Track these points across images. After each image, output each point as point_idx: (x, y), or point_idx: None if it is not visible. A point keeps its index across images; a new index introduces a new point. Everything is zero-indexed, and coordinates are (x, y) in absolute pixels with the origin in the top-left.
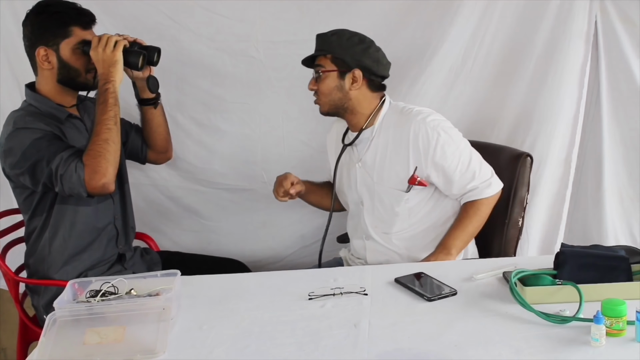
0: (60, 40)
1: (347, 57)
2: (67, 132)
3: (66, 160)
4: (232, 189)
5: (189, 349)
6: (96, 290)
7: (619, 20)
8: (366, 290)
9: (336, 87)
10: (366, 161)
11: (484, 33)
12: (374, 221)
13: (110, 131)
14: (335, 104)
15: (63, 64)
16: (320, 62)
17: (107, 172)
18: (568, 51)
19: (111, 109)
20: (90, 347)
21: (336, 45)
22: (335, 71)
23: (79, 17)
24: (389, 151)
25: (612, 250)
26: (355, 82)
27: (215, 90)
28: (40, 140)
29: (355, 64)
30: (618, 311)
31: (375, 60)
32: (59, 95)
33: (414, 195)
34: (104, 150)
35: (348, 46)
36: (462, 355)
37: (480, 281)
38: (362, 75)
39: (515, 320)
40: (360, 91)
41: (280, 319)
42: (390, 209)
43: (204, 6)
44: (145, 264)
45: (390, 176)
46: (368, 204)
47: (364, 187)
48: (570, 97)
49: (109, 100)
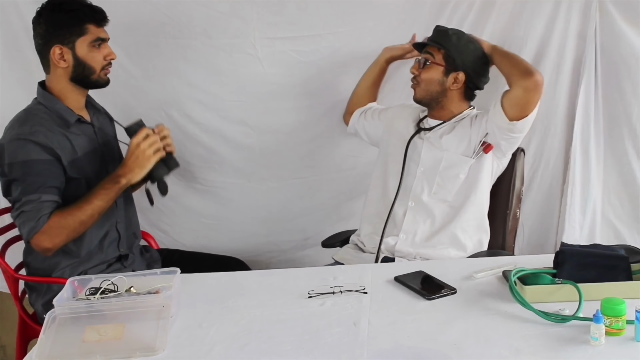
0: (76, 38)
1: (459, 58)
2: (73, 140)
3: (38, 205)
4: (231, 186)
5: (188, 346)
6: (96, 287)
7: (618, 19)
8: (366, 288)
9: (438, 81)
10: (435, 134)
11: (481, 33)
12: (433, 188)
13: (92, 218)
14: (432, 95)
15: (78, 62)
16: (432, 51)
17: (57, 245)
18: (565, 49)
19: (108, 201)
20: (90, 344)
21: (454, 44)
22: (443, 67)
23: (93, 15)
24: (459, 129)
25: (611, 250)
26: (456, 82)
27: (212, 88)
28: (31, 163)
29: (463, 67)
30: (617, 310)
31: (480, 72)
32: (70, 93)
33: (476, 163)
34: (72, 228)
35: (464, 50)
36: (462, 354)
37: (479, 280)
38: (464, 79)
39: (515, 319)
40: (456, 93)
41: (280, 317)
42: (455, 175)
43: (201, 3)
44: (145, 262)
45: (458, 146)
46: (429, 173)
47: (429, 157)
48: (567, 94)
49: (112, 194)
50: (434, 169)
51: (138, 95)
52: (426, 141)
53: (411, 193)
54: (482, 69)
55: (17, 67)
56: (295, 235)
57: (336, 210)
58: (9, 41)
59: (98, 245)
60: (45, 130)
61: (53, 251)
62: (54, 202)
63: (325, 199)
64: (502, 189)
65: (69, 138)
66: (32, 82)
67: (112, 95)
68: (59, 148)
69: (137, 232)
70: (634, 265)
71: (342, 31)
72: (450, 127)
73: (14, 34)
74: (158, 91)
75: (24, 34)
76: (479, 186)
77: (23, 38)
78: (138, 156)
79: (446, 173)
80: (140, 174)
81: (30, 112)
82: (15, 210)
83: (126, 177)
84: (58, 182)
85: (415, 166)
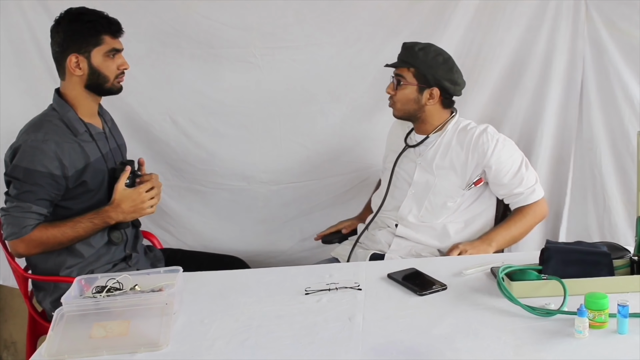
0: (92, 47)
1: (430, 75)
2: (85, 146)
3: (27, 214)
4: (232, 189)
5: (191, 341)
6: (102, 286)
7: (605, 27)
8: (360, 285)
9: (413, 99)
10: (427, 157)
11: (472, 41)
12: (421, 211)
13: (70, 243)
14: (409, 112)
15: (93, 70)
16: (401, 72)
17: (30, 254)
18: (558, 55)
19: (90, 234)
20: (97, 340)
21: (422, 61)
22: (416, 85)
23: (109, 26)
24: (451, 151)
25: (595, 247)
26: (431, 98)
27: (214, 95)
28: (33, 173)
29: (435, 82)
30: (600, 304)
31: (454, 82)
32: (84, 100)
33: (468, 193)
34: (50, 246)
35: (433, 65)
36: (452, 347)
37: (469, 276)
38: (439, 94)
39: (503, 313)
40: (434, 106)
41: (278, 313)
42: (442, 203)
43: (203, 14)
44: (149, 261)
45: (449, 174)
46: (419, 196)
47: (421, 180)
48: (562, 101)
49: (96, 229)
50: (425, 194)
51: (144, 102)
52: (419, 165)
53: (398, 213)
54: (454, 78)
55: (22, 74)
56: (293, 235)
57: (333, 212)
58: (14, 48)
59: (106, 247)
60: (58, 138)
61: (23, 257)
62: (42, 215)
63: (323, 201)
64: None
65: (81, 145)
66: (36, 89)
67: (119, 102)
68: (68, 157)
69: (139, 233)
70: (616, 261)
71: (339, 39)
72: (437, 147)
73: (19, 42)
74: (163, 98)
75: (30, 41)
76: (477, 210)
77: (29, 45)
78: (137, 205)
79: (435, 200)
80: (128, 219)
81: (46, 118)
82: (4, 208)
83: (117, 219)
84: (53, 195)
85: (407, 186)
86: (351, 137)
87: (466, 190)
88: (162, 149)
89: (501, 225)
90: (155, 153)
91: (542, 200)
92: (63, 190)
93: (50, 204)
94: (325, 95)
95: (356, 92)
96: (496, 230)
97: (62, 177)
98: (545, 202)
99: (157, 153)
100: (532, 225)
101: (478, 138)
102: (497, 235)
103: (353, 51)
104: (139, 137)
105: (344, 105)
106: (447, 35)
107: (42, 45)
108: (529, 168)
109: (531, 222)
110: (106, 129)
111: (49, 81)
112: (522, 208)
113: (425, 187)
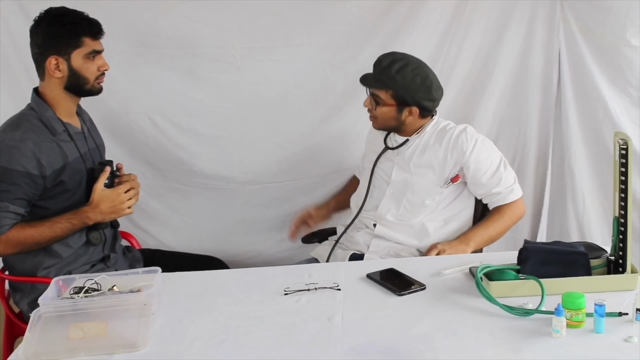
0: (72, 50)
1: (409, 97)
2: (64, 146)
3: (4, 213)
4: (211, 188)
5: (169, 343)
6: (80, 287)
7: (579, 30)
8: (339, 285)
9: (393, 117)
10: (404, 157)
11: (450, 41)
12: (399, 210)
13: (48, 243)
14: (389, 126)
15: (73, 72)
16: (379, 94)
17: (6, 254)
18: (535, 56)
19: (68, 234)
20: (74, 341)
21: (400, 84)
22: (395, 106)
23: (89, 28)
24: (429, 149)
25: (572, 247)
26: (411, 115)
27: (194, 95)
28: (11, 172)
29: (414, 102)
30: (578, 304)
31: (433, 100)
32: (63, 100)
33: (447, 191)
34: (27, 246)
35: (411, 87)
36: (431, 347)
37: (447, 276)
38: (418, 111)
39: (481, 313)
40: (413, 119)
41: (257, 314)
42: (420, 202)
43: (183, 15)
44: (127, 262)
45: (427, 173)
46: (397, 195)
47: (399, 179)
48: (538, 101)
49: (75, 229)
50: (403, 192)
51: (123, 102)
52: (396, 165)
53: (377, 212)
54: (433, 97)
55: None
56: (272, 236)
57: None
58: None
59: (84, 247)
60: (36, 138)
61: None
62: (19, 214)
63: (302, 201)
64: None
65: (59, 144)
66: (14, 89)
67: (98, 102)
68: (46, 157)
69: (117, 234)
70: (593, 261)
71: (318, 40)
72: (415, 146)
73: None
74: (142, 97)
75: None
76: (456, 209)
77: (5, 45)
78: (117, 205)
79: (413, 198)
80: (108, 220)
81: (23, 117)
82: None
83: (96, 219)
84: (30, 195)
85: (386, 185)
86: (330, 137)
87: (444, 187)
88: (142, 149)
89: (479, 225)
90: (135, 153)
91: (520, 200)
92: (41, 189)
93: (27, 203)
94: (304, 95)
95: (335, 92)
96: (474, 230)
97: (40, 176)
98: (523, 201)
99: (136, 153)
100: (510, 225)
101: (457, 137)
102: (475, 235)
103: (332, 52)
104: (119, 137)
105: (323, 106)
106: (425, 36)
107: (19, 45)
108: (507, 168)
109: (509, 221)
110: (85, 129)
111: (27, 81)
112: (500, 207)
113: (403, 186)
